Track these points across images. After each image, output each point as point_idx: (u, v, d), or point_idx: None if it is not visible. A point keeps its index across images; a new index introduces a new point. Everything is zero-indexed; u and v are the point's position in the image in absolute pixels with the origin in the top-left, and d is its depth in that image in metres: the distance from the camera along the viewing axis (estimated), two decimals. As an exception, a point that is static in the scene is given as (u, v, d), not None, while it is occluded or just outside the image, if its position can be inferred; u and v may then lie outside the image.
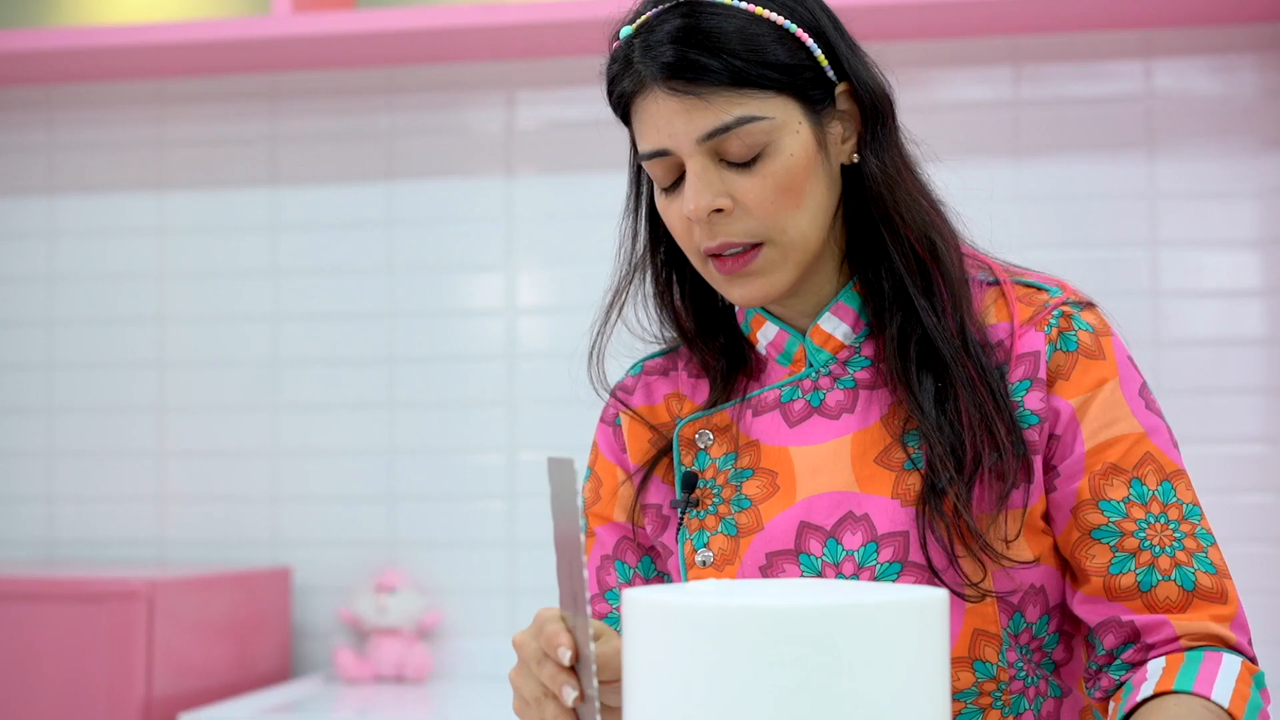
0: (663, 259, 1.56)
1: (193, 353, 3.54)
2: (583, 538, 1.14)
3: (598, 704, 1.16)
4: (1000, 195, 3.15)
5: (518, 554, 3.38)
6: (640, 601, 1.09)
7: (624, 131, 1.52)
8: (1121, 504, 1.40)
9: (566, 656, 1.16)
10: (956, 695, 1.39)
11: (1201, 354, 3.12)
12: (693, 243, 1.45)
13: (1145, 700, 1.34)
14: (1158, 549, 1.39)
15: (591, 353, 1.57)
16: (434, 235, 3.46)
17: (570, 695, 1.16)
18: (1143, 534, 1.39)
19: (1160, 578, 1.39)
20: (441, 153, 3.47)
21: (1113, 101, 3.20)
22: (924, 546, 1.38)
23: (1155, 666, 1.36)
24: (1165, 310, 3.13)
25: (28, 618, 2.95)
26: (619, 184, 1.57)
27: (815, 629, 1.03)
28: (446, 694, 3.23)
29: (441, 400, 3.43)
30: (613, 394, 1.60)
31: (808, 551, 1.42)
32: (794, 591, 1.07)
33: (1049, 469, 1.42)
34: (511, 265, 3.43)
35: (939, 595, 1.08)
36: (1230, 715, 1.32)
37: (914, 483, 1.41)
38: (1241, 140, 3.15)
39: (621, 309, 1.56)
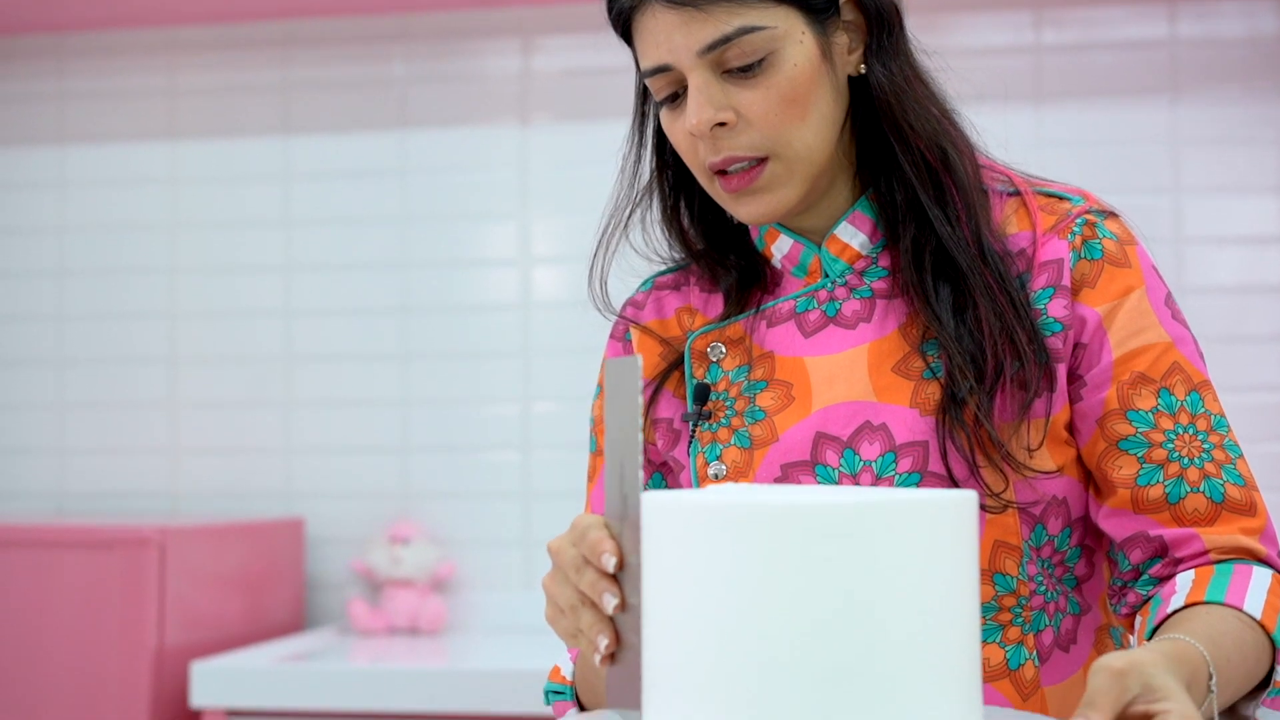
0: (670, 182, 1.54)
1: (204, 303, 3.52)
2: (639, 437, 1.12)
3: (641, 614, 1.13)
4: (1021, 142, 3.12)
5: (532, 505, 3.36)
6: (663, 503, 1.08)
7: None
8: (1150, 414, 1.38)
9: (611, 563, 1.13)
10: None
11: (1224, 301, 3.09)
12: (698, 159, 1.43)
13: (1175, 612, 1.32)
14: (1186, 460, 1.38)
15: (592, 274, 1.55)
16: (447, 184, 3.43)
17: (611, 603, 1.13)
18: (1171, 445, 1.38)
19: (1189, 489, 1.37)
20: (455, 101, 3.44)
21: (1135, 46, 3.16)
22: (944, 456, 1.36)
23: (1184, 579, 1.34)
24: (1188, 257, 3.10)
25: (40, 566, 2.93)
26: (620, 151, 1.56)
27: (846, 527, 1.01)
28: (460, 646, 3.21)
29: (455, 351, 3.40)
30: (622, 310, 1.58)
31: (824, 463, 1.40)
32: (819, 493, 1.05)
33: (1075, 378, 1.40)
34: (526, 214, 3.41)
35: (969, 496, 1.06)
36: (1262, 626, 1.30)
37: (933, 392, 1.38)
38: (1266, 85, 3.11)
39: (626, 230, 1.54)
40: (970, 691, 1.07)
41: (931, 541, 1.04)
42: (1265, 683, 1.32)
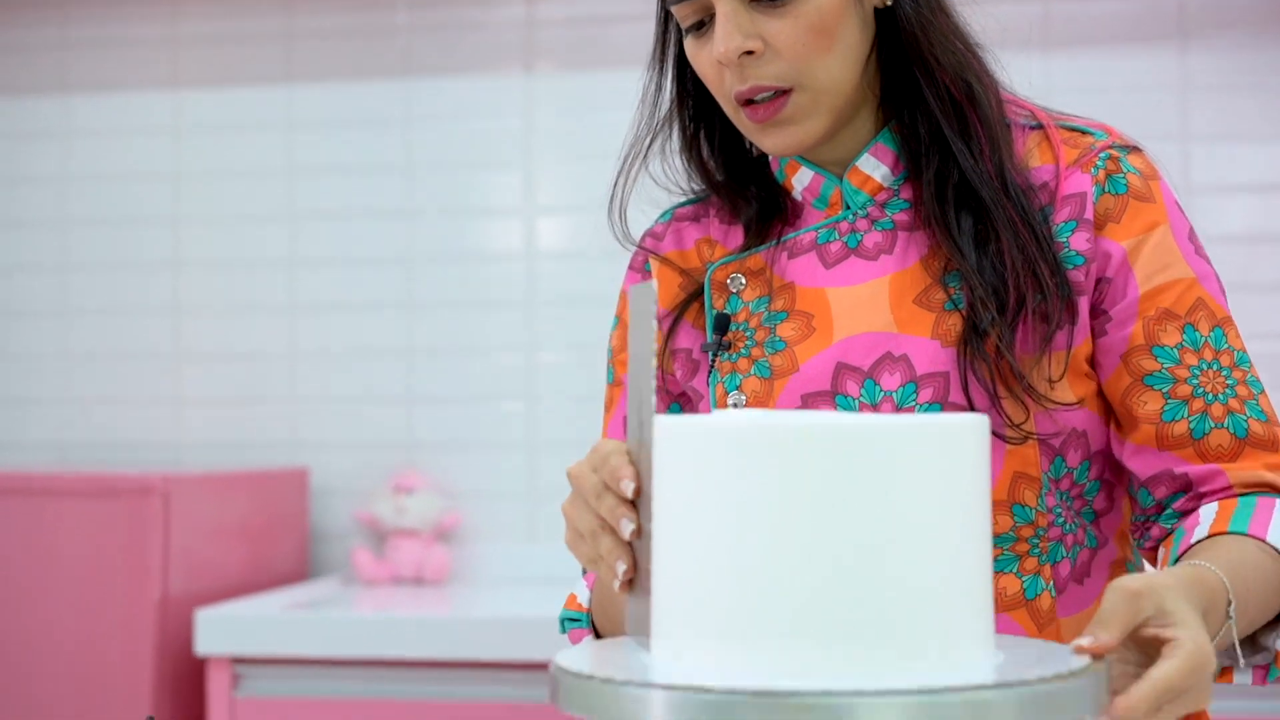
0: (690, 111, 1.54)
1: (208, 253, 3.51)
2: (654, 361, 1.12)
3: (650, 539, 1.13)
4: (1029, 89, 3.09)
5: (537, 456, 3.35)
6: (671, 426, 1.07)
7: (644, 26, 1.50)
8: (1174, 350, 1.39)
9: (630, 489, 1.13)
10: (994, 540, 1.37)
11: (1233, 250, 3.08)
12: (724, 88, 1.43)
13: (1198, 543, 1.32)
14: (1210, 396, 1.39)
15: (612, 205, 1.54)
16: (452, 133, 3.42)
17: (628, 529, 1.13)
18: (1195, 381, 1.39)
19: (1213, 425, 1.38)
20: (460, 49, 3.42)
21: (1144, -7, 3.14)
22: (965, 387, 1.36)
23: (1208, 511, 1.35)
24: (1196, 206, 3.08)
25: (44, 514, 2.93)
26: (640, 81, 1.55)
27: (856, 448, 1.01)
28: (464, 596, 3.22)
29: (459, 300, 3.40)
30: (641, 241, 1.58)
31: (844, 393, 1.40)
32: (829, 415, 1.05)
33: (1099, 314, 1.41)
34: (530, 164, 3.39)
35: (980, 419, 1.07)
36: None
37: (955, 323, 1.39)
38: (1275, 31, 3.09)
39: (645, 160, 1.54)
40: (982, 614, 1.07)
41: (943, 463, 1.04)
42: None
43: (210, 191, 3.52)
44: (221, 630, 2.84)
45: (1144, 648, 1.11)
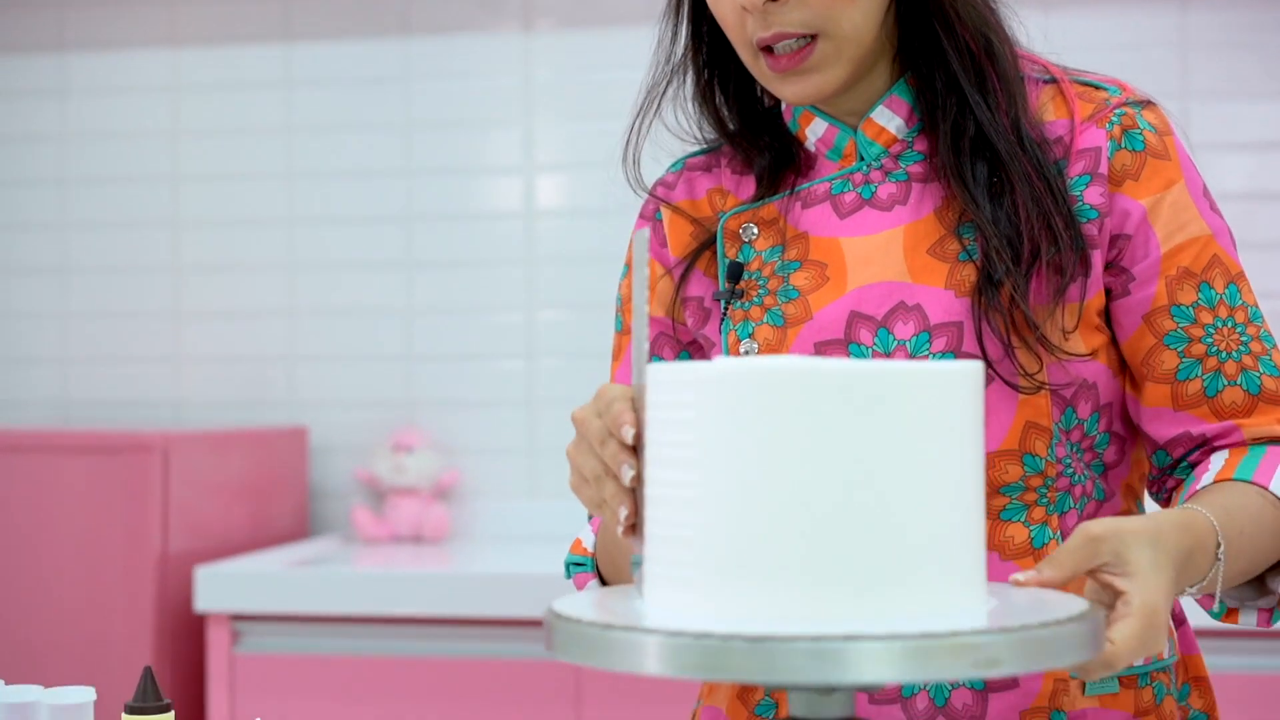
0: (704, 59, 1.54)
1: (207, 212, 3.51)
2: (646, 308, 1.13)
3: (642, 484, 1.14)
4: (1029, 47, 3.08)
5: (536, 413, 3.36)
6: (662, 373, 1.08)
7: None
8: (1191, 309, 1.41)
9: (630, 435, 1.15)
10: (1003, 489, 1.39)
11: (1233, 208, 3.06)
12: (745, 35, 1.43)
13: (1203, 490, 1.35)
14: (1224, 354, 1.40)
15: (626, 151, 1.54)
16: (451, 91, 3.41)
17: (628, 474, 1.15)
18: (1210, 339, 1.40)
19: (1226, 383, 1.40)
20: (458, 7, 3.41)
21: (1145, -50, 3.13)
22: (979, 337, 1.37)
23: (1217, 459, 1.38)
24: (1196, 162, 3.07)
25: (45, 471, 2.94)
26: (639, 38, 1.56)
27: (851, 392, 1.02)
28: (464, 553, 3.22)
29: (459, 259, 3.39)
30: (652, 190, 1.58)
31: (858, 341, 1.41)
32: (823, 360, 1.05)
33: (1120, 272, 1.42)
34: (529, 122, 3.39)
35: (975, 366, 1.08)
36: None
37: (969, 274, 1.40)
38: (1276, -11, 3.08)
39: (659, 108, 1.54)
40: (975, 560, 1.08)
41: (936, 409, 1.05)
42: None
43: (209, 150, 3.51)
44: (221, 587, 2.85)
45: (1108, 589, 1.15)
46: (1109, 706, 1.41)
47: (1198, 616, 1.60)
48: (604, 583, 1.48)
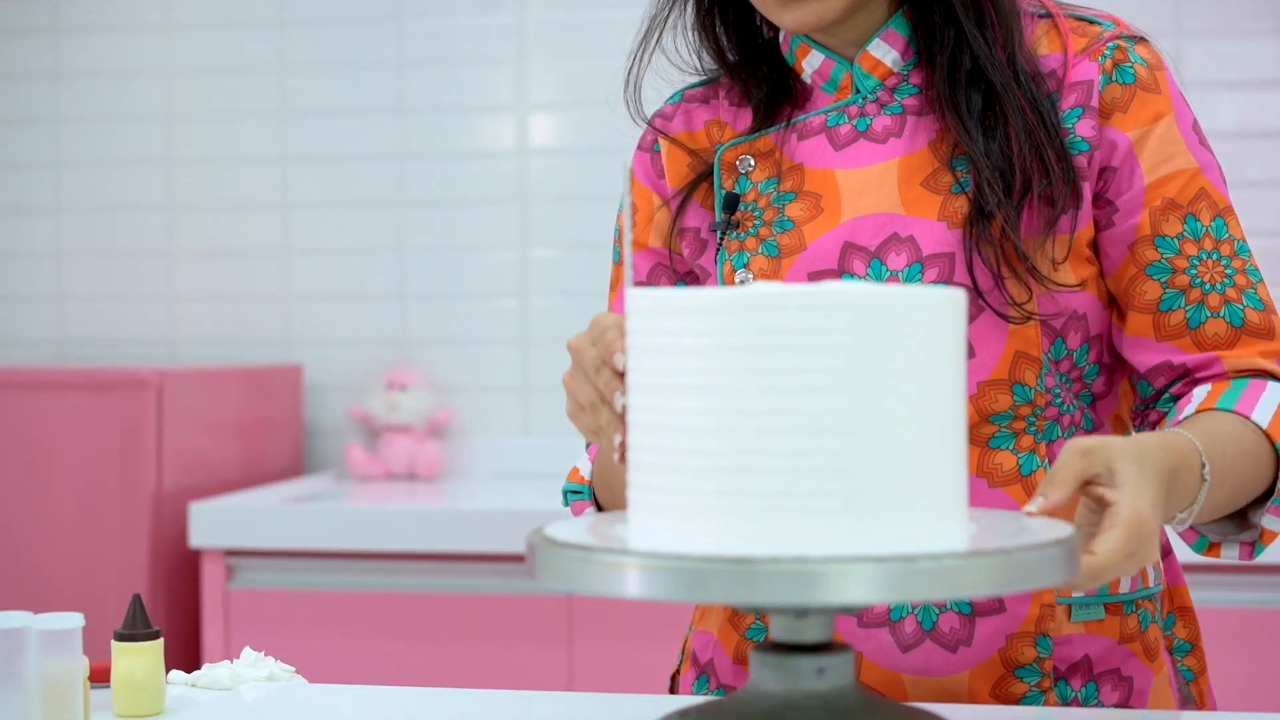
0: None
1: (202, 150, 3.50)
2: (630, 235, 1.16)
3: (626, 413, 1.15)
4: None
5: (530, 351, 3.36)
6: (643, 299, 1.08)
7: None
8: (1175, 240, 1.42)
9: (622, 362, 1.16)
10: (993, 418, 1.41)
11: (1225, 147, 3.06)
12: None
13: (1186, 420, 1.36)
14: (1208, 286, 1.41)
15: (628, 80, 1.55)
16: (444, 30, 3.40)
17: (621, 401, 1.17)
18: (1194, 271, 1.41)
19: (1209, 314, 1.41)
20: (452, -57, 3.39)
21: (1141, -113, 3.11)
22: (970, 268, 1.39)
23: (1200, 391, 1.39)
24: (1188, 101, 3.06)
25: (41, 408, 2.94)
26: None
27: (826, 316, 1.03)
28: (458, 490, 3.23)
29: (453, 197, 3.39)
30: (651, 121, 1.58)
31: (851, 271, 1.43)
32: (803, 287, 1.05)
33: (1106, 204, 1.43)
34: (523, 60, 3.37)
35: (956, 292, 1.08)
36: (1268, 436, 1.35)
37: (961, 206, 1.41)
38: (1272, -72, 3.07)
39: (660, 37, 1.55)
40: (957, 485, 1.08)
41: (917, 334, 1.05)
42: (1271, 492, 1.37)
43: (202, 88, 3.50)
44: (216, 523, 2.86)
45: (1097, 505, 1.16)
46: (1094, 632, 1.43)
47: (1182, 551, 1.61)
48: (601, 510, 1.50)
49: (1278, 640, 2.57)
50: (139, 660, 1.35)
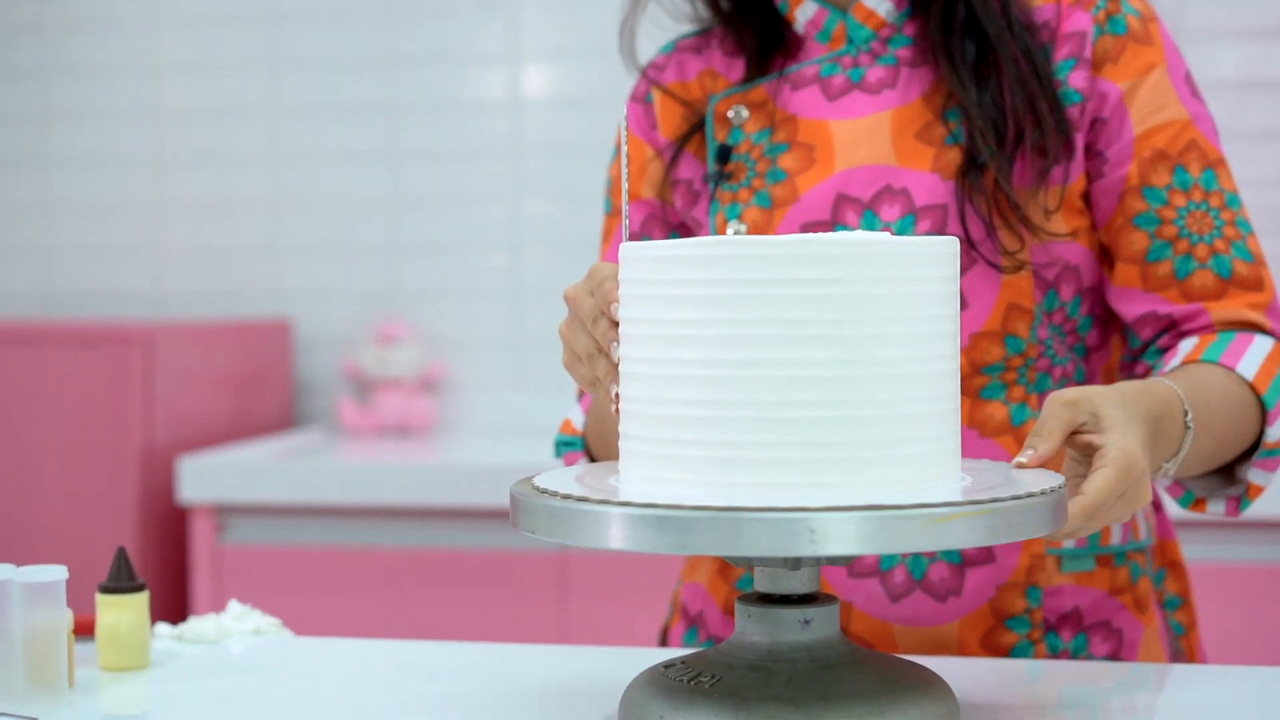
0: None
1: (190, 102, 3.48)
2: (626, 185, 1.16)
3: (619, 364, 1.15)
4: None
5: (522, 306, 3.35)
6: (634, 251, 1.08)
7: None
8: (1163, 191, 1.41)
9: (619, 313, 1.15)
10: (984, 369, 1.41)
11: (1227, 97, 3.05)
12: None
13: (1171, 372, 1.36)
14: (1196, 237, 1.41)
15: (624, 27, 1.55)
16: (436, -21, 3.38)
17: (619, 352, 1.16)
18: (1182, 222, 1.41)
19: (1197, 265, 1.41)
20: (443, -107, 3.37)
21: None
22: (962, 219, 1.39)
23: (1187, 344, 1.39)
24: (1189, 51, 3.04)
25: (28, 363, 2.93)
26: None
27: (817, 267, 1.02)
28: (450, 445, 3.23)
29: (444, 150, 3.37)
30: (644, 71, 1.58)
31: (844, 223, 1.42)
32: (795, 238, 1.05)
33: (1096, 155, 1.43)
34: (515, 10, 3.35)
35: (949, 241, 1.08)
36: (1254, 389, 1.35)
37: (954, 157, 1.41)
38: (1271, -123, 3.05)
39: None
40: (949, 437, 1.08)
41: (910, 284, 1.05)
42: (1257, 445, 1.37)
43: (191, 38, 3.48)
44: (205, 479, 2.85)
45: (1085, 454, 1.17)
46: (1084, 584, 1.43)
47: (1173, 507, 1.60)
48: (593, 460, 1.50)
49: (1268, 596, 2.57)
50: (124, 613, 1.34)
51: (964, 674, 1.27)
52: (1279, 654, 2.49)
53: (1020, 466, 1.12)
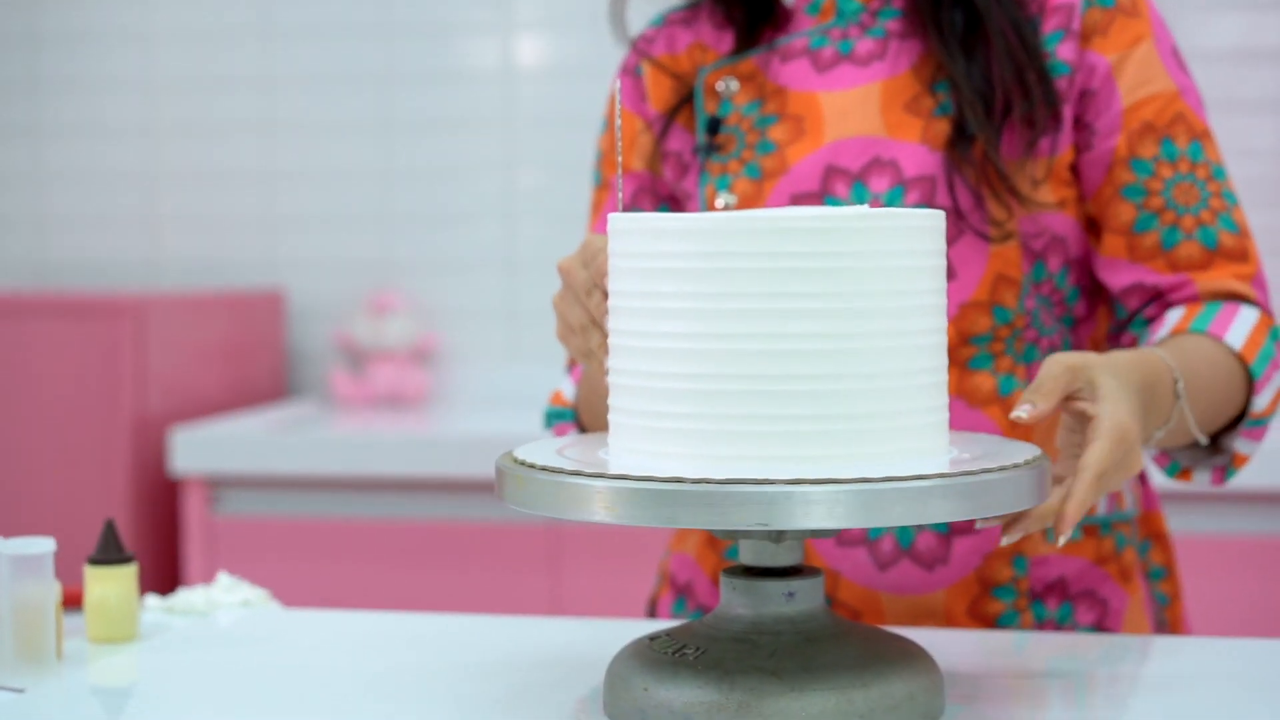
0: None
1: (183, 71, 3.47)
2: (618, 159, 1.16)
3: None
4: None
5: (516, 276, 3.35)
6: (623, 224, 1.08)
7: None
8: (1151, 163, 1.42)
9: None
10: (972, 339, 1.42)
11: (1224, 67, 3.05)
12: None
13: (1159, 342, 1.37)
14: (1182, 208, 1.42)
15: (614, 1, 1.56)
16: (428, -52, 3.37)
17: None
18: (1169, 193, 1.42)
19: (1183, 236, 1.42)
20: None
21: None
22: (951, 190, 1.40)
23: (1174, 314, 1.40)
24: (1185, 20, 3.04)
25: (19, 334, 2.93)
26: None
27: (804, 240, 1.03)
28: (443, 416, 3.23)
29: (437, 120, 3.36)
30: (633, 44, 1.58)
31: (833, 194, 1.43)
32: (780, 211, 1.05)
33: (1084, 126, 1.44)
34: (508, -19, 3.34)
35: (934, 214, 1.09)
36: (1241, 359, 1.37)
37: (943, 128, 1.42)
38: None
39: None
40: (936, 410, 1.08)
41: (895, 257, 1.06)
42: (1244, 415, 1.38)
43: (184, 8, 3.46)
44: (198, 450, 2.85)
45: (1079, 421, 1.18)
46: (1070, 553, 1.45)
47: (1157, 478, 1.61)
48: (583, 431, 1.51)
49: (1253, 567, 2.58)
50: (112, 585, 1.34)
51: (949, 645, 1.28)
52: (1263, 625, 2.50)
53: (1017, 420, 1.13)
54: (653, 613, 1.59)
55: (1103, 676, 1.25)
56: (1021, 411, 1.13)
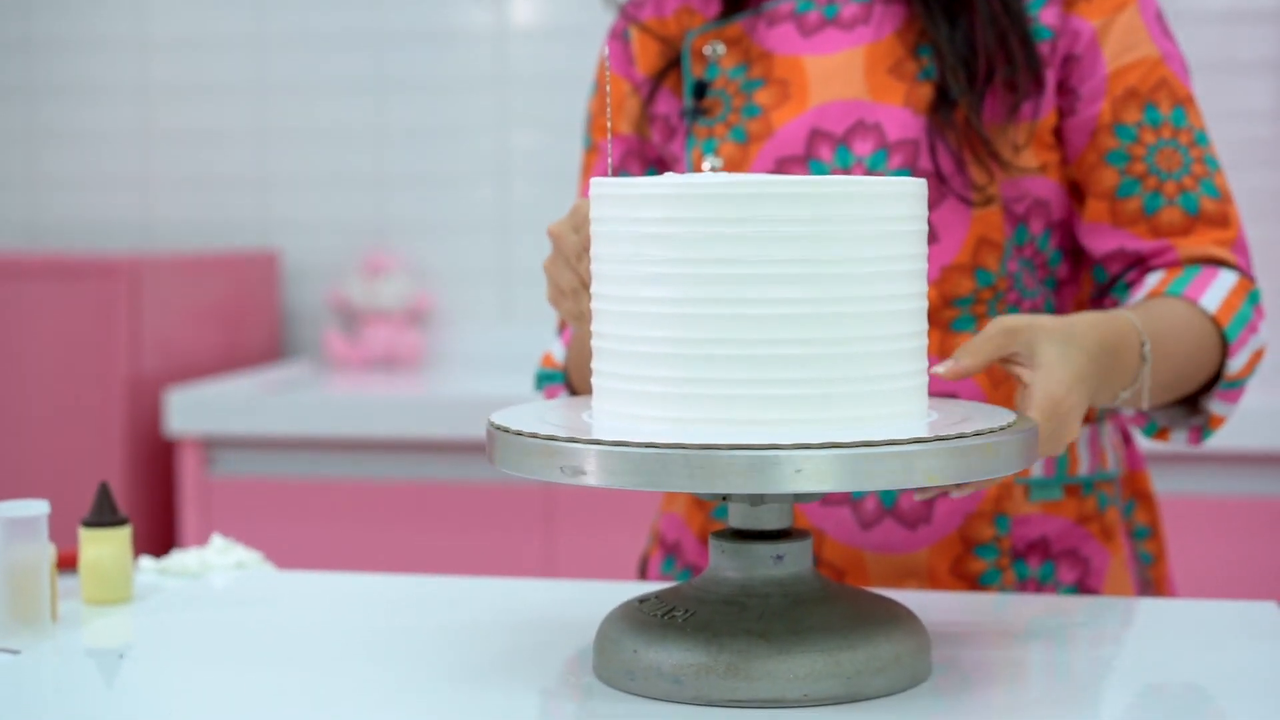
0: None
1: (176, 32, 3.46)
2: (608, 123, 1.18)
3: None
4: None
5: (510, 237, 3.35)
6: (607, 188, 1.08)
7: None
8: (1134, 128, 1.43)
9: None
10: (955, 301, 1.43)
11: (1212, 29, 3.05)
12: None
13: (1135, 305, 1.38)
14: (1164, 174, 1.43)
15: None
16: (420, -90, 3.36)
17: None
18: (1151, 159, 1.43)
19: (1165, 202, 1.43)
20: None
21: None
22: (933, 153, 1.41)
23: (1152, 277, 1.42)
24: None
25: (13, 295, 2.93)
26: None
27: (787, 207, 1.03)
28: (437, 378, 3.24)
29: (431, 80, 3.36)
30: (622, 8, 1.59)
31: (818, 158, 1.44)
32: (763, 177, 1.06)
33: (1068, 91, 1.45)
34: (500, -59, 3.33)
35: (916, 182, 1.10)
36: (1215, 322, 1.38)
37: (926, 93, 1.43)
38: None
39: None
40: (916, 375, 1.09)
41: (877, 224, 1.06)
42: (1219, 377, 1.40)
43: (174, -31, 3.46)
44: (193, 411, 2.86)
45: (1019, 383, 1.20)
46: (1052, 513, 1.46)
47: (1143, 439, 1.62)
48: (574, 394, 1.52)
49: (1238, 528, 2.60)
50: (106, 547, 1.35)
51: (935, 606, 1.29)
52: (1248, 586, 2.52)
53: (937, 375, 1.15)
54: (643, 572, 1.60)
55: (1085, 637, 1.26)
56: (941, 367, 1.16)
